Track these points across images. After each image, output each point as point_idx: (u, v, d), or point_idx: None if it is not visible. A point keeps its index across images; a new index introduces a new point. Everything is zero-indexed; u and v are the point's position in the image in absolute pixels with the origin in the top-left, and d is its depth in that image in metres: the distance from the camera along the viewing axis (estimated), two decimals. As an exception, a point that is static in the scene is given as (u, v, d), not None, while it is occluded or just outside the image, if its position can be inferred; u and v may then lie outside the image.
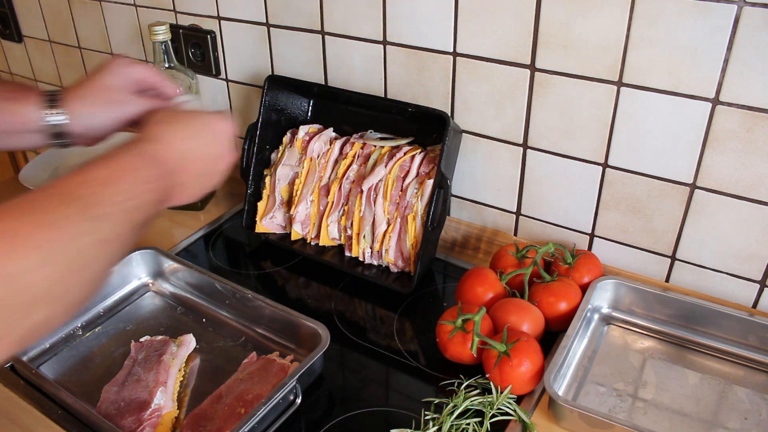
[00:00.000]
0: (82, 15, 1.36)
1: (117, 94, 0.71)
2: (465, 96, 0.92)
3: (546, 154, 0.89)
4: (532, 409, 0.73)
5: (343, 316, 0.90)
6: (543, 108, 0.86)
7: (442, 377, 0.77)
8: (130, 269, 0.94)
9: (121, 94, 0.71)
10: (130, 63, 0.73)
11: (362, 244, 0.96)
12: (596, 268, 0.87)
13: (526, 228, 0.97)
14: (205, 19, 1.15)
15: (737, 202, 0.78)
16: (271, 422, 0.71)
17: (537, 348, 0.74)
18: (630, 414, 0.72)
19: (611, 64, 0.78)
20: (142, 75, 0.73)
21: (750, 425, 0.70)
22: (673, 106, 0.76)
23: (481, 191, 0.98)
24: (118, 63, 0.72)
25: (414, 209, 0.91)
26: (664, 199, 0.82)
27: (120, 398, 0.74)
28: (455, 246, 1.03)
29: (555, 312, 0.81)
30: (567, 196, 0.90)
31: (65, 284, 0.47)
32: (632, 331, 0.84)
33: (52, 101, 0.68)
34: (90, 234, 0.49)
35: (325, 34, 1.01)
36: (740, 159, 0.75)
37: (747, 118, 0.73)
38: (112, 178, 0.53)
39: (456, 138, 0.92)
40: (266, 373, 0.76)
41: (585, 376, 0.77)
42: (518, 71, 0.85)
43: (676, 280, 0.87)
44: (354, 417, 0.73)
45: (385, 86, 0.99)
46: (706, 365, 0.79)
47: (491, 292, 0.83)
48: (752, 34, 0.69)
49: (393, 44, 0.95)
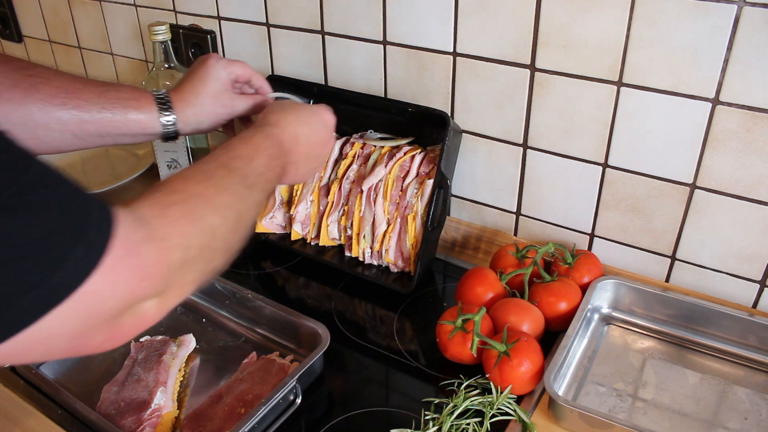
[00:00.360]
0: (82, 15, 1.36)
1: (222, 99, 0.79)
2: (465, 96, 0.92)
3: (546, 154, 0.89)
4: (532, 409, 0.73)
5: (343, 316, 0.90)
6: (543, 108, 0.86)
7: (442, 377, 0.77)
8: (130, 269, 0.94)
9: (225, 98, 0.79)
10: (227, 63, 0.79)
11: (362, 244, 0.96)
12: (596, 268, 0.87)
13: (526, 228, 0.97)
14: (205, 19, 1.15)
15: (737, 202, 0.78)
16: (271, 422, 0.71)
17: (537, 348, 0.74)
18: (630, 414, 0.72)
19: (611, 64, 0.78)
20: (239, 72, 0.80)
21: (750, 425, 0.70)
22: (673, 106, 0.76)
23: (481, 191, 0.98)
24: (218, 66, 0.78)
25: (414, 209, 0.91)
26: (664, 199, 0.82)
27: (120, 398, 0.74)
28: (455, 246, 1.03)
29: (555, 312, 0.81)
30: (567, 196, 0.90)
31: (233, 239, 0.56)
32: (632, 331, 0.84)
33: (164, 105, 0.75)
34: (247, 199, 0.59)
35: (325, 34, 1.01)
36: (740, 159, 0.75)
37: (747, 118, 0.73)
38: (253, 155, 0.63)
39: (456, 138, 0.92)
40: (266, 373, 0.76)
41: (585, 376, 0.77)
42: (518, 71, 0.85)
43: (676, 280, 0.87)
44: (354, 417, 0.73)
45: (385, 86, 0.99)
46: (706, 365, 0.79)
47: (491, 292, 0.83)
48: (752, 34, 0.69)
49: (393, 44, 0.95)
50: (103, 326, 0.43)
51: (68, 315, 0.39)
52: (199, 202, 0.53)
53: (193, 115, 0.77)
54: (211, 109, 0.79)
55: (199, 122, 0.78)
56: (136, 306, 0.45)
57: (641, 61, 0.76)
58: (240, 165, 0.61)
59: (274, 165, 0.66)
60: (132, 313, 0.45)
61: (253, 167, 0.62)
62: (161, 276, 0.46)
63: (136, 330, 0.47)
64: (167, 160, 1.08)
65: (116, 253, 0.41)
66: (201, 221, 0.52)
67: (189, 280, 0.51)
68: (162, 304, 0.48)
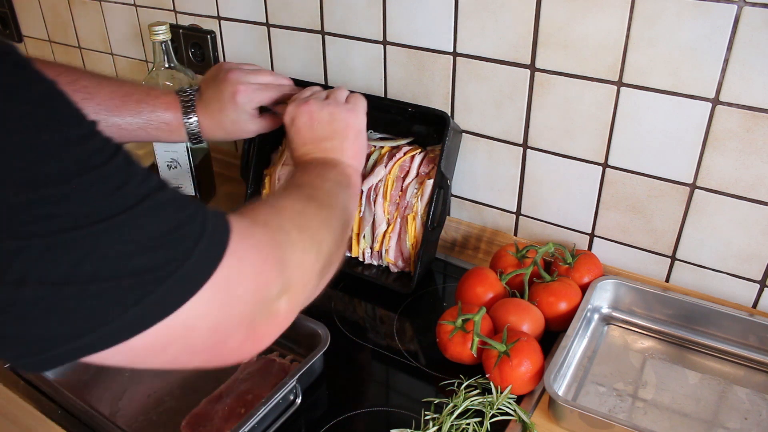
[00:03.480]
0: (82, 15, 1.36)
1: (241, 125, 0.84)
2: (465, 96, 0.92)
3: (546, 154, 0.89)
4: (532, 409, 0.73)
5: (343, 316, 0.90)
6: (543, 108, 0.86)
7: (442, 377, 0.77)
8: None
9: (244, 124, 0.84)
10: (255, 90, 0.83)
11: (362, 245, 0.96)
12: (596, 268, 0.87)
13: (526, 228, 0.97)
14: (205, 19, 1.15)
15: (737, 202, 0.78)
16: (271, 422, 0.71)
17: (537, 348, 0.74)
18: (630, 414, 0.72)
19: (611, 64, 0.78)
20: (266, 100, 0.85)
21: (750, 425, 0.70)
22: (673, 106, 0.76)
23: (481, 191, 0.98)
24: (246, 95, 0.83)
25: (414, 209, 0.91)
26: (664, 199, 0.82)
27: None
28: (455, 246, 1.03)
29: (555, 312, 0.81)
30: (567, 196, 0.90)
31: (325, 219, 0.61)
32: (632, 331, 0.84)
33: (187, 108, 0.81)
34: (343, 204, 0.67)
35: (325, 34, 1.01)
36: (740, 159, 0.75)
37: (747, 118, 0.73)
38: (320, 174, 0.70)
39: (456, 138, 0.92)
40: (266, 373, 0.76)
41: (585, 376, 0.77)
42: (518, 71, 0.85)
43: (676, 280, 0.87)
44: (354, 417, 0.73)
45: (385, 86, 0.99)
46: (706, 365, 0.79)
47: (491, 292, 0.83)
48: (752, 34, 0.69)
49: (393, 44, 0.95)
50: (241, 324, 0.45)
51: (204, 305, 0.41)
52: (284, 200, 0.59)
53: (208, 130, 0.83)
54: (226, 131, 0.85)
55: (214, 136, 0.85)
56: (268, 303, 0.47)
57: (641, 61, 0.76)
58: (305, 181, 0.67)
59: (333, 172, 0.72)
60: (267, 311, 0.47)
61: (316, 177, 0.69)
62: (277, 256, 0.49)
63: (272, 331, 0.49)
64: (167, 160, 1.08)
65: (234, 238, 0.43)
66: (288, 211, 0.57)
67: (307, 267, 0.53)
68: (291, 300, 0.50)
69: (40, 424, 0.72)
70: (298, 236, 0.53)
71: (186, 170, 1.09)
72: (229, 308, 0.43)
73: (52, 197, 0.34)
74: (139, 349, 0.39)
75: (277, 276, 0.48)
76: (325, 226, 0.59)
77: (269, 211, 0.55)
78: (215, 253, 0.42)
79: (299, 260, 0.52)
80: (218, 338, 0.44)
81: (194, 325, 0.41)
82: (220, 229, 0.43)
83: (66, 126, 0.36)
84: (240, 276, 0.44)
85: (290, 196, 0.61)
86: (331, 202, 0.64)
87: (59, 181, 0.34)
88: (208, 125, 0.83)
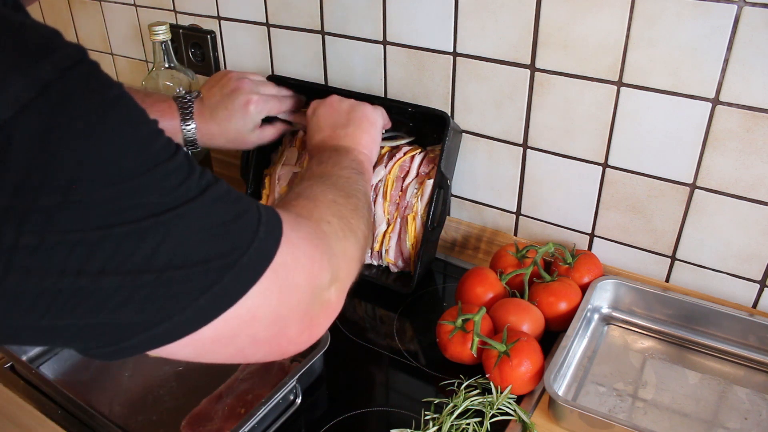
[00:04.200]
0: (82, 15, 1.36)
1: (244, 134, 0.85)
2: (465, 96, 0.92)
3: (546, 154, 0.89)
4: (532, 409, 0.73)
5: (343, 316, 0.90)
6: (543, 108, 0.86)
7: (442, 377, 0.77)
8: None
9: (248, 134, 0.86)
10: (266, 101, 0.86)
11: (362, 244, 0.96)
12: (596, 268, 0.87)
13: (526, 228, 0.97)
14: (205, 19, 1.15)
15: (737, 202, 0.78)
16: (271, 422, 0.71)
17: (537, 348, 0.74)
18: (630, 414, 0.72)
19: (611, 64, 0.78)
20: (274, 111, 0.87)
21: (750, 425, 0.70)
22: (673, 106, 0.76)
23: (481, 191, 0.98)
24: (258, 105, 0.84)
25: (414, 209, 0.91)
26: (664, 199, 0.82)
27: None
28: (455, 246, 1.03)
29: (555, 312, 0.81)
30: (567, 196, 0.90)
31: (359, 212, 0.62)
32: (632, 331, 0.84)
33: (185, 114, 0.82)
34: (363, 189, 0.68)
35: (325, 34, 1.01)
36: (740, 159, 0.75)
37: (747, 118, 0.73)
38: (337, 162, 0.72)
39: (456, 138, 0.92)
40: (266, 373, 0.76)
41: (585, 376, 0.77)
42: (518, 71, 0.85)
43: (676, 280, 0.87)
44: (354, 417, 0.73)
45: (385, 86, 0.99)
46: (706, 365, 0.79)
47: (491, 292, 0.83)
48: (752, 34, 0.69)
49: (393, 44, 0.95)
50: (297, 312, 0.47)
51: (266, 292, 0.43)
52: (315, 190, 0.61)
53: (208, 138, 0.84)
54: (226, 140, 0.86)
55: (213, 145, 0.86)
56: (320, 293, 0.49)
57: (641, 61, 0.76)
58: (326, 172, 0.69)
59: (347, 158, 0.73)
60: (320, 301, 0.49)
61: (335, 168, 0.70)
62: (325, 246, 0.51)
63: (326, 320, 0.51)
64: (167, 160, 1.07)
65: (287, 229, 0.46)
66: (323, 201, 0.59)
67: (350, 255, 0.55)
68: (339, 288, 0.52)
69: (40, 424, 0.72)
70: (338, 225, 0.56)
71: (186, 170, 1.08)
72: (287, 296, 0.45)
73: (130, 190, 0.36)
74: (207, 340, 0.41)
75: (327, 265, 0.50)
76: (356, 213, 0.61)
77: (307, 204, 0.57)
78: (272, 241, 0.44)
79: (343, 248, 0.54)
80: (279, 328, 0.46)
81: (257, 314, 0.43)
82: (274, 219, 0.45)
83: (139, 124, 0.38)
84: (295, 263, 0.46)
85: (318, 187, 0.63)
86: (355, 190, 0.66)
87: (136, 175, 0.36)
88: (209, 132, 0.83)
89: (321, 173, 0.68)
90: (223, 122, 0.83)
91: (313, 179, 0.66)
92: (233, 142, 0.86)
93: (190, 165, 0.40)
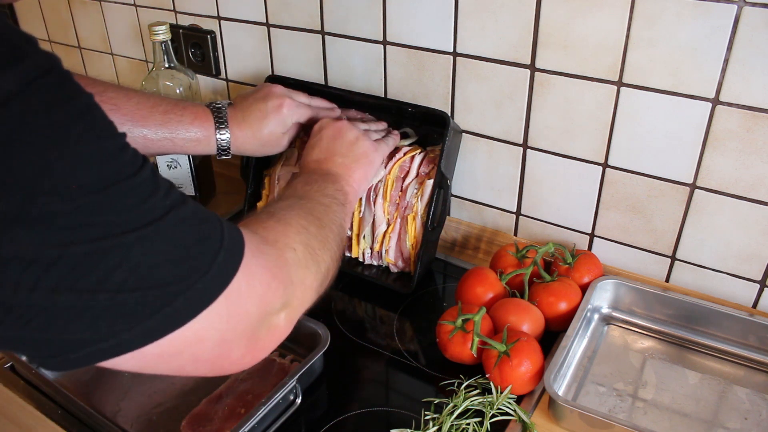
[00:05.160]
0: (82, 15, 1.36)
1: (276, 137, 0.87)
2: (465, 96, 0.92)
3: (546, 154, 0.89)
4: (532, 409, 0.73)
5: (343, 316, 0.90)
6: (543, 108, 0.86)
7: (442, 377, 0.77)
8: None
9: (279, 137, 0.87)
10: (298, 106, 0.87)
11: (362, 245, 0.96)
12: (596, 268, 0.87)
13: (526, 228, 0.97)
14: (205, 19, 1.15)
15: (737, 202, 0.78)
16: (271, 422, 0.71)
17: (537, 348, 0.74)
18: (630, 414, 0.72)
19: (611, 64, 0.78)
20: (305, 117, 0.88)
21: (750, 425, 0.70)
22: (673, 106, 0.76)
23: (481, 191, 0.98)
24: (290, 108, 0.86)
25: (414, 209, 0.91)
26: (664, 199, 0.82)
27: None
28: (455, 246, 1.03)
29: (555, 312, 0.81)
30: (567, 196, 0.90)
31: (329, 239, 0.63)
32: (632, 331, 0.84)
33: (220, 120, 0.83)
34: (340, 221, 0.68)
35: (325, 34, 1.01)
36: (740, 159, 0.75)
37: (747, 118, 0.73)
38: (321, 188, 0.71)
39: (456, 138, 0.92)
40: (266, 373, 0.76)
41: (585, 376, 0.77)
42: (518, 71, 0.85)
43: (676, 280, 0.87)
44: (354, 417, 0.73)
45: (385, 86, 0.99)
46: (706, 365, 0.79)
47: (491, 292, 0.83)
48: (752, 34, 0.69)
49: (393, 44, 0.95)
50: (243, 337, 0.46)
51: (216, 317, 0.42)
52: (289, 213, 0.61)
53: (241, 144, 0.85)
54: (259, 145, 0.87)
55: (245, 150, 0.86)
56: (269, 318, 0.49)
57: (641, 61, 0.76)
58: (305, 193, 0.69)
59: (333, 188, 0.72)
60: (267, 326, 0.49)
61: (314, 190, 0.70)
62: (285, 274, 0.51)
63: (270, 344, 0.51)
64: (167, 160, 1.08)
65: (248, 255, 0.45)
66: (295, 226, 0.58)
67: (308, 285, 0.55)
68: (290, 315, 0.52)
69: (40, 424, 0.72)
70: (303, 254, 0.55)
71: (186, 170, 1.09)
72: (235, 322, 0.45)
73: (89, 206, 0.35)
74: (151, 355, 0.40)
75: (282, 293, 0.50)
76: (324, 245, 0.61)
77: (277, 227, 0.57)
78: (231, 267, 0.43)
79: (302, 278, 0.54)
80: (223, 350, 0.45)
81: (203, 336, 0.43)
82: (236, 244, 0.45)
83: (103, 138, 0.37)
84: (249, 291, 0.45)
85: (294, 210, 0.63)
86: (330, 220, 0.65)
87: (95, 191, 0.36)
88: (243, 136, 0.84)
89: (303, 194, 0.68)
90: (255, 123, 0.84)
91: (293, 199, 0.66)
92: (265, 145, 0.87)
93: (155, 182, 0.39)
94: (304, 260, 0.55)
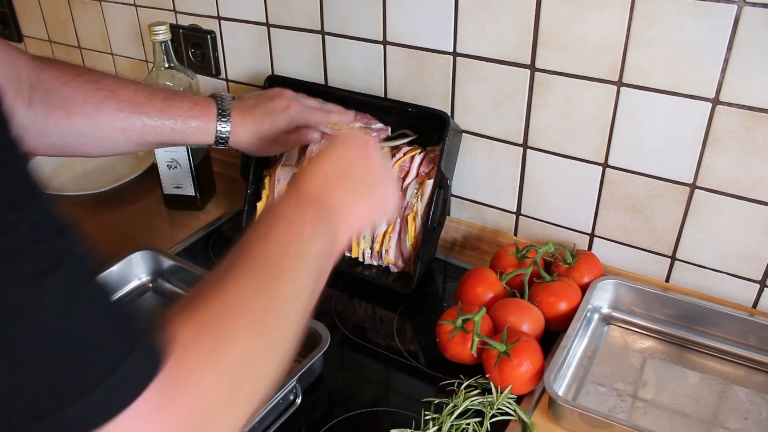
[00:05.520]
0: (82, 15, 1.36)
1: (277, 136, 0.85)
2: (465, 96, 0.92)
3: (546, 154, 0.89)
4: (532, 409, 0.73)
5: (343, 316, 0.90)
6: (543, 108, 0.86)
7: (442, 377, 0.77)
8: (130, 269, 0.94)
9: (281, 135, 0.85)
10: (305, 109, 0.86)
11: (362, 245, 0.96)
12: (596, 268, 0.87)
13: (526, 228, 0.97)
14: (205, 19, 1.15)
15: (737, 202, 0.78)
16: (271, 422, 0.71)
17: (537, 348, 0.74)
18: (630, 414, 0.72)
19: (611, 64, 0.78)
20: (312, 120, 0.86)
21: (750, 425, 0.70)
22: (673, 106, 0.76)
23: (481, 191, 0.98)
24: (297, 110, 0.85)
25: (414, 209, 0.91)
26: (664, 199, 0.82)
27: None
28: (455, 246, 1.03)
29: (555, 312, 0.81)
30: (567, 196, 0.90)
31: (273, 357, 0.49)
32: (632, 331, 0.84)
33: (223, 110, 0.82)
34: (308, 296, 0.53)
35: (325, 34, 1.01)
36: (740, 159, 0.75)
37: (747, 118, 0.73)
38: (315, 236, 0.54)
39: (456, 138, 0.92)
40: (266, 373, 0.76)
41: (585, 376, 0.77)
42: (518, 71, 0.85)
43: (676, 280, 0.87)
44: (354, 417, 0.73)
45: (385, 86, 0.99)
46: (706, 365, 0.79)
47: (491, 292, 0.83)
48: (752, 34, 0.69)
49: (393, 44, 0.95)
50: None
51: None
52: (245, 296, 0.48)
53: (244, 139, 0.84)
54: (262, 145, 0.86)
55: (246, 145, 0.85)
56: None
57: (641, 61, 0.76)
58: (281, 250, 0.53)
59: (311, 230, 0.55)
60: None
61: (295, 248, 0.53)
62: (195, 423, 0.39)
63: None
64: (167, 160, 1.08)
65: (148, 401, 0.35)
66: (232, 345, 0.43)
67: (229, 426, 0.43)
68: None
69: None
70: (227, 389, 0.42)
71: (186, 170, 1.09)
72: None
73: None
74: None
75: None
76: (275, 349, 0.48)
77: (204, 343, 0.41)
78: (113, 406, 0.34)
79: (222, 425, 0.42)
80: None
81: None
82: (137, 380, 0.35)
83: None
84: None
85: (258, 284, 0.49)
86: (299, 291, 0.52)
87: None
88: (244, 128, 0.83)
89: (283, 243, 0.52)
90: (258, 117, 0.84)
91: (267, 253, 0.52)
92: (265, 140, 0.85)
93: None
94: (228, 396, 0.42)
